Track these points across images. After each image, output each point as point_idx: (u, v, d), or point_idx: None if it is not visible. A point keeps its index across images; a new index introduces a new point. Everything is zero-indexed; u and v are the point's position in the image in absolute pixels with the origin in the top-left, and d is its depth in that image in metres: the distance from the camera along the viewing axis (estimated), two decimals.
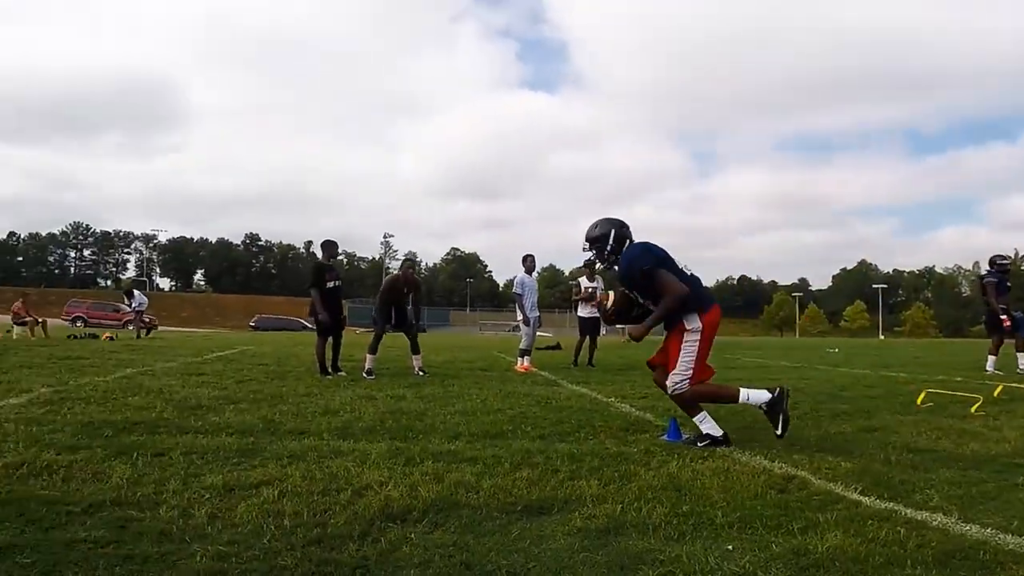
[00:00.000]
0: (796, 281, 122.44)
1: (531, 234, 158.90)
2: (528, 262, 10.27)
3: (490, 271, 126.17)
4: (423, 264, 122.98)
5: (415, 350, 8.77)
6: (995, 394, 6.48)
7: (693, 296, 4.26)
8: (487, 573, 2.15)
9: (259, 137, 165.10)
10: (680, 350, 4.25)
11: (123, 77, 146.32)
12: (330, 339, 8.48)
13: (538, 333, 11.07)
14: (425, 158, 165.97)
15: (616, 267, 4.54)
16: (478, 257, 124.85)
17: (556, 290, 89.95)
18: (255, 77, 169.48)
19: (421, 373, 8.57)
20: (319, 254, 8.89)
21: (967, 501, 2.95)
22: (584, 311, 10.77)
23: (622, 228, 4.63)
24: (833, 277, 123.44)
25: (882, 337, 60.30)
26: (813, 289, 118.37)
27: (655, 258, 4.29)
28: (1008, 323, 9.73)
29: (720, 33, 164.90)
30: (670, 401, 6.17)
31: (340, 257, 9.05)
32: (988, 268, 10.29)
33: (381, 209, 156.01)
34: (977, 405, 5.63)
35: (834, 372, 10.31)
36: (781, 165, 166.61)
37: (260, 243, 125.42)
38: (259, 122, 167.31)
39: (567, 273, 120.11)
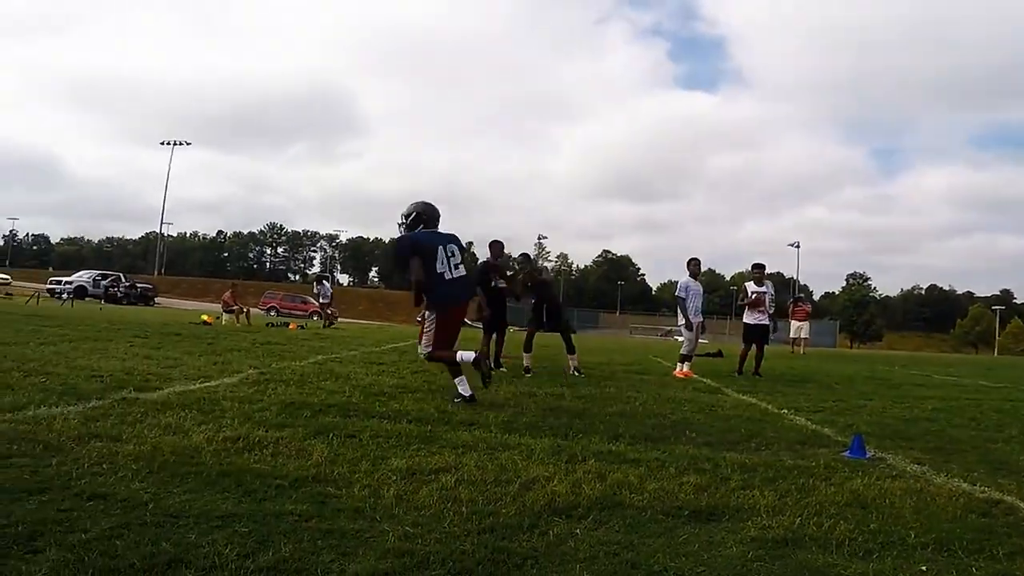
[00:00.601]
0: (998, 292, 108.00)
1: (687, 237, 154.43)
2: (692, 266, 10.01)
3: (642, 274, 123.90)
4: (574, 265, 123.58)
5: (569, 350, 8.91)
6: None
7: (431, 293, 5.52)
8: (654, 573, 2.15)
9: (424, 140, 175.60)
10: (426, 329, 5.69)
11: (307, 89, 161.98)
12: (493, 336, 8.80)
13: (700, 340, 10.75)
14: (578, 160, 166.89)
15: None
16: (630, 259, 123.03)
17: (715, 295, 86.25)
18: (419, 83, 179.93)
19: (576, 373, 8.65)
20: (486, 254, 9.22)
21: None
22: (750, 318, 10.30)
23: (422, 212, 5.63)
24: None
25: None
26: (1018, 302, 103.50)
27: (411, 247, 5.49)
28: None
29: (897, 16, 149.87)
30: (850, 416, 5.83)
31: (517, 258, 9.34)
32: None
33: (534, 210, 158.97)
34: None
35: None
36: (978, 162, 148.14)
37: None
38: (424, 126, 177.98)
39: (727, 278, 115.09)
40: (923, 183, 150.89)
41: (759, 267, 10.85)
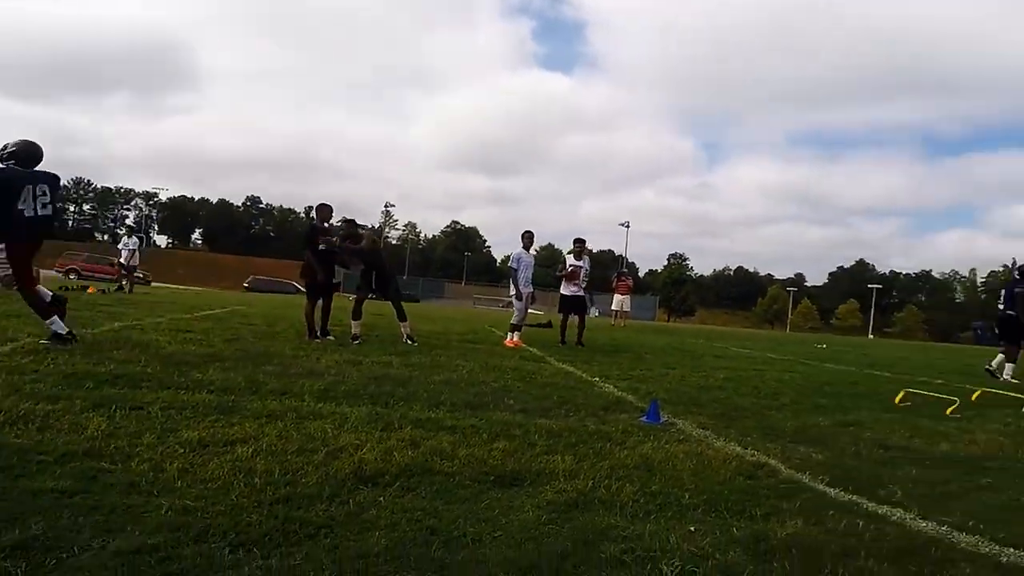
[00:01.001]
0: (792, 276, 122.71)
1: (536, 212, 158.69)
2: (526, 238, 10.27)
3: (489, 246, 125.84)
4: (422, 235, 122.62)
5: (400, 317, 8.83)
6: (972, 398, 6.55)
7: (7, 228, 5.57)
8: (452, 539, 2.19)
9: (270, 101, 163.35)
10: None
11: (133, 36, 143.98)
12: (320, 303, 8.47)
13: (531, 310, 11.09)
14: (434, 131, 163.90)
15: None
16: (478, 232, 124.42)
17: (553, 269, 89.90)
18: (268, 41, 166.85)
19: (409, 341, 8.58)
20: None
21: (929, 499, 2.99)
22: (566, 289, 10.81)
23: (20, 150, 5.71)
24: (830, 275, 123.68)
25: (871, 337, 60.68)
26: (809, 285, 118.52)
27: None
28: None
29: (739, 22, 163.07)
30: (653, 384, 6.31)
31: (336, 222, 8.82)
32: (1016, 276, 10.18)
33: (386, 179, 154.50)
34: (953, 407, 5.69)
35: (820, 367, 10.39)
36: (792, 159, 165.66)
37: (261, 205, 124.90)
38: (271, 87, 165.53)
39: (566, 253, 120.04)
40: (741, 175, 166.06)
41: (579, 242, 11.31)
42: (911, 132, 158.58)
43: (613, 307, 21.90)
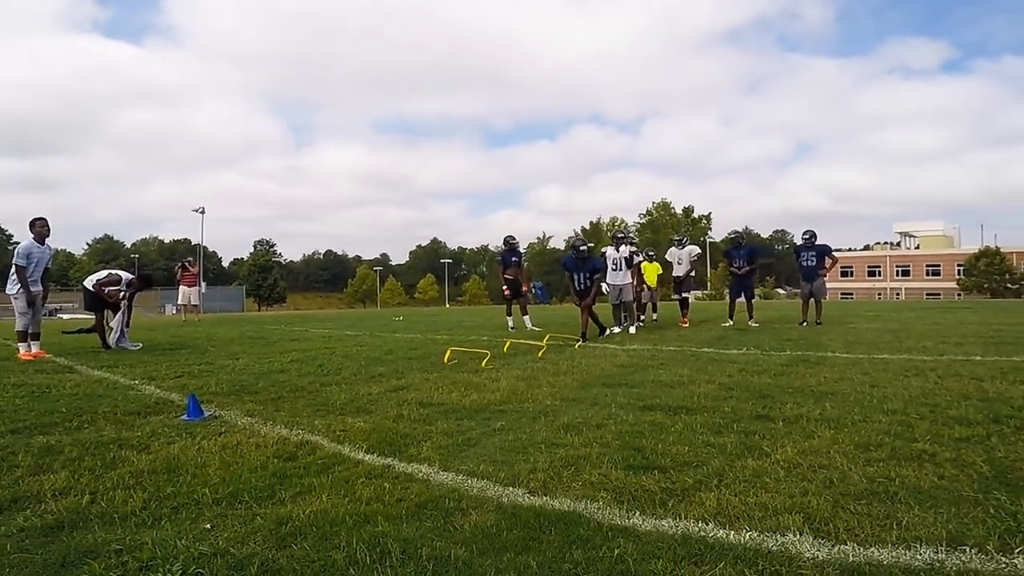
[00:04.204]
0: (379, 256, 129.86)
1: (86, 197, 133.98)
2: (38, 226, 8.26)
3: (17, 241, 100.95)
4: None
5: None
6: (504, 350, 7.70)
7: None
8: None
9: None
10: None
11: None
12: None
13: (72, 316, 9.11)
14: None
15: None
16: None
17: (114, 264, 77.28)
18: None
19: None
20: None
21: (452, 450, 3.23)
22: (89, 283, 9.29)
23: None
24: (410, 253, 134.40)
25: (448, 306, 68.16)
26: (393, 264, 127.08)
27: None
28: (507, 291, 12.13)
29: (332, 5, 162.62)
30: (207, 378, 5.78)
31: None
32: (501, 246, 12.65)
33: None
34: (487, 360, 6.57)
35: (389, 338, 11.01)
36: (376, 145, 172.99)
37: None
38: None
39: (128, 245, 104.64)
40: (330, 159, 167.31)
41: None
42: (473, 124, 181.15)
43: (180, 301, 19.74)
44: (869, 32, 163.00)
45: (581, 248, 10.06)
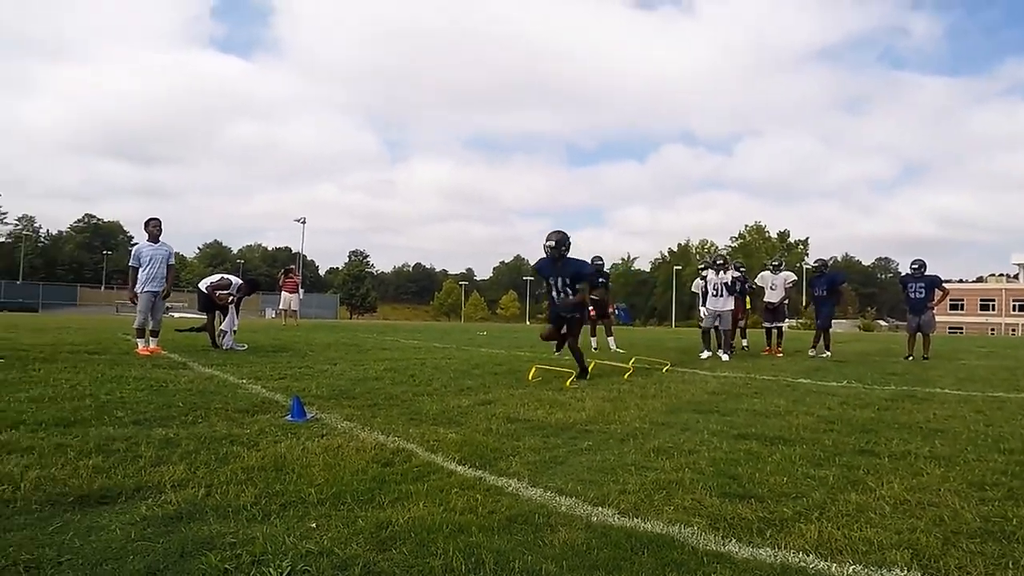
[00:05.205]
0: (464, 270, 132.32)
1: (197, 206, 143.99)
2: (152, 227, 8.87)
3: (136, 243, 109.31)
4: (42, 230, 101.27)
5: None
6: (590, 368, 7.66)
7: None
8: None
9: None
10: None
11: None
12: None
13: (186, 314, 9.86)
14: (65, 108, 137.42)
15: None
16: (121, 227, 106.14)
17: (221, 268, 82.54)
18: None
19: None
20: None
21: (540, 466, 3.25)
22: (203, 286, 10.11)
23: None
24: (494, 268, 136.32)
25: (528, 323, 68.46)
26: (478, 278, 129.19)
27: None
28: (593, 312, 12.10)
29: (423, 26, 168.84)
30: (308, 381, 6.06)
31: None
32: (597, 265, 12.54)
33: None
34: (571, 379, 6.56)
35: (475, 353, 11.19)
36: (465, 161, 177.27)
37: None
38: None
39: (234, 251, 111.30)
40: (420, 173, 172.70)
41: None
42: (557, 141, 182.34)
43: (281, 306, 20.86)
44: (983, 50, 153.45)
45: (550, 245, 7.02)
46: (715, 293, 10.73)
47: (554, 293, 7.17)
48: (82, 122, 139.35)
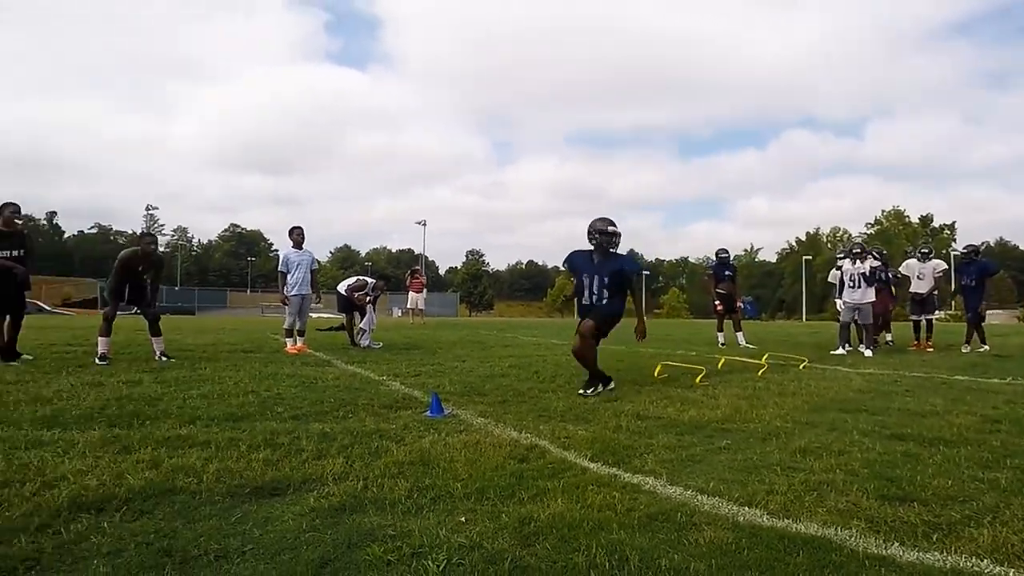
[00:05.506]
0: None
1: (325, 213, 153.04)
2: (295, 235, 9.54)
3: (276, 250, 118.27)
4: (196, 240, 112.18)
5: (154, 332, 7.83)
6: (718, 366, 7.44)
7: None
8: (190, 559, 1.99)
9: None
10: None
11: None
12: (9, 320, 7.21)
13: (324, 315, 10.63)
14: (207, 126, 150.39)
15: None
16: (262, 235, 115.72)
17: (351, 271, 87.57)
18: None
19: (164, 358, 7.66)
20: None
21: (677, 464, 3.21)
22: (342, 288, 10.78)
23: None
24: None
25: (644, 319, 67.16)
26: None
27: None
28: (720, 306, 11.62)
29: (522, 27, 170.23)
30: (441, 378, 6.30)
31: (17, 221, 7.33)
32: (712, 259, 12.38)
33: (146, 179, 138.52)
34: (701, 376, 6.40)
35: None
36: (571, 158, 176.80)
37: None
38: None
39: (363, 254, 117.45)
40: (528, 173, 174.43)
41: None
42: (667, 133, 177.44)
43: (409, 305, 21.82)
44: None
45: (611, 230, 5.82)
46: (852, 284, 10.00)
47: (586, 294, 5.79)
48: (222, 138, 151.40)
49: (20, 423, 3.67)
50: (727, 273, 11.85)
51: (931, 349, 10.83)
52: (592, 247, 5.79)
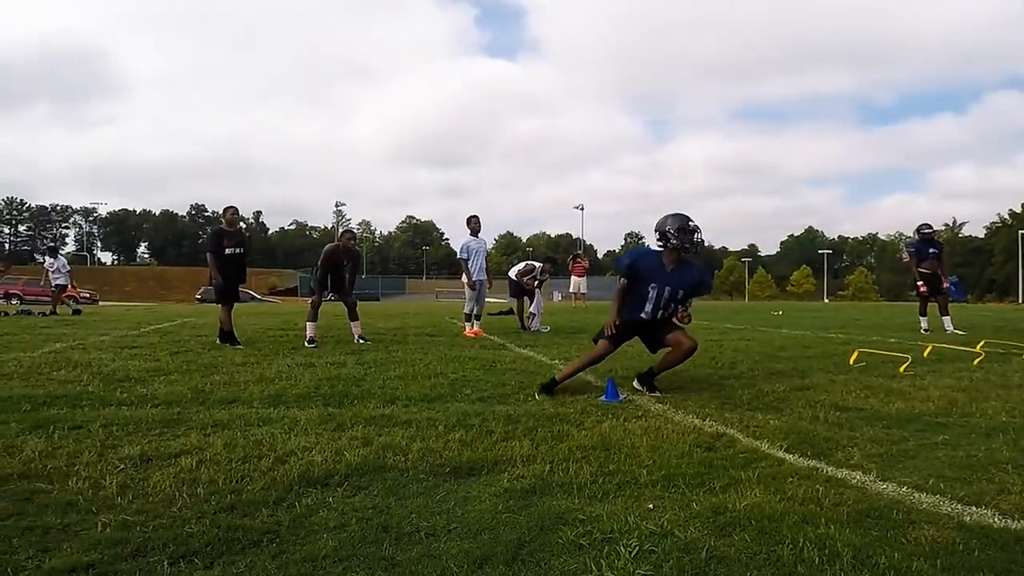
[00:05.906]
0: (746, 247, 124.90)
1: (490, 201, 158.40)
2: (472, 223, 10.01)
3: (447, 239, 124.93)
4: (377, 232, 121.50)
5: (353, 317, 8.66)
6: (924, 354, 6.72)
7: None
8: (404, 535, 2.13)
9: (201, 105, 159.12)
10: None
11: (46, 45, 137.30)
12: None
13: (493, 299, 11.12)
14: (379, 125, 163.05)
15: None
16: (434, 225, 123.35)
17: (514, 256, 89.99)
18: (193, 41, 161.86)
19: (362, 340, 8.43)
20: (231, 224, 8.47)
21: (887, 459, 2.99)
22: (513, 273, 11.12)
23: None
24: (781, 243, 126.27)
25: (826, 300, 62.28)
26: (762, 255, 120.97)
27: None
28: (924, 288, 10.32)
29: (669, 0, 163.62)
30: (612, 362, 6.28)
31: (241, 225, 8.51)
32: (913, 235, 11.08)
33: (332, 177, 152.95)
34: (906, 365, 5.81)
35: (775, 334, 10.55)
36: (734, 133, 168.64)
37: (207, 213, 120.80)
38: (200, 89, 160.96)
39: (524, 240, 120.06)
40: (687, 151, 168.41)
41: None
42: (845, 101, 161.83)
43: (571, 289, 22.04)
44: None
45: (686, 230, 4.66)
46: None
47: (649, 307, 4.80)
48: (393, 136, 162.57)
49: (251, 402, 4.20)
50: (932, 251, 10.60)
51: None
52: (662, 249, 4.76)
